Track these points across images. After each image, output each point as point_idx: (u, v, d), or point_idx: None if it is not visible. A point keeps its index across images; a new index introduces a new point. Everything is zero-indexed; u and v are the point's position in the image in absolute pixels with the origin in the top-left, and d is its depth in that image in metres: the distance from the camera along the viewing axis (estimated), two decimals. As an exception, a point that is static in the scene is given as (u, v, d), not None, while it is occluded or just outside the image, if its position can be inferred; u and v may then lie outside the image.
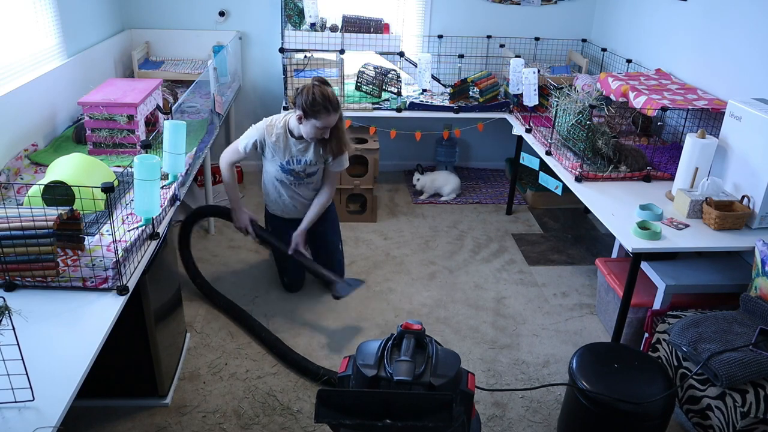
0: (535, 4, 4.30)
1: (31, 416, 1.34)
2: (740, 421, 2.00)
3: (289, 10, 3.65)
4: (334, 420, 1.62)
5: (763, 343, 2.09)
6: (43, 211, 1.72)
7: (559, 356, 2.77)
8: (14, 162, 2.47)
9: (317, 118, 2.64)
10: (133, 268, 1.89)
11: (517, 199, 4.27)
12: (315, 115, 2.64)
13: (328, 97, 2.64)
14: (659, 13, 3.59)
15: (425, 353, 1.80)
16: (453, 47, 4.27)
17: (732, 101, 2.55)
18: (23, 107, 2.62)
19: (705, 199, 2.47)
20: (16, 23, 2.72)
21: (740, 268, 2.64)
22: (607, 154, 2.89)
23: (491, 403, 2.49)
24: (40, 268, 1.73)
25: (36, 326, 1.61)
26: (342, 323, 2.93)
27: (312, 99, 2.61)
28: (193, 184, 4.02)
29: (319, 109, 2.62)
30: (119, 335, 1.90)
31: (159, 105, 2.97)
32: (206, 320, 2.90)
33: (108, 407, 2.35)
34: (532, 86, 3.38)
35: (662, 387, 2.05)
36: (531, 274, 3.43)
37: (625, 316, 2.52)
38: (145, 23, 4.07)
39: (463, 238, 3.78)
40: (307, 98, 2.61)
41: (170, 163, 2.35)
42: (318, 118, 2.64)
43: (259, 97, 4.38)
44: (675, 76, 3.33)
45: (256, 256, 3.46)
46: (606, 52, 4.04)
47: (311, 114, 2.64)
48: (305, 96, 2.62)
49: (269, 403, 2.43)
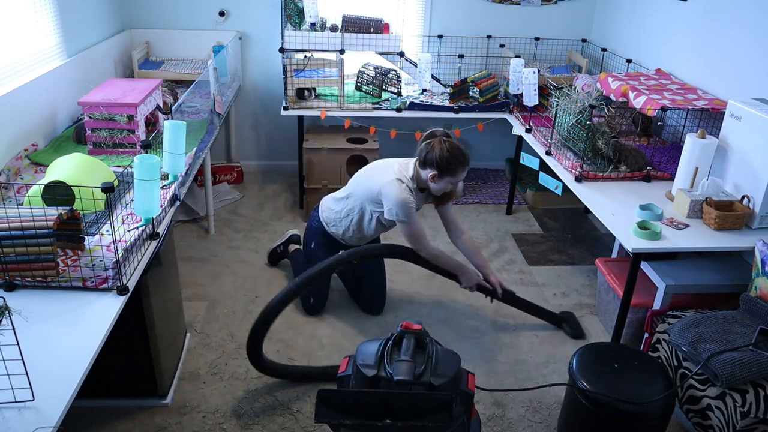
0: (535, 4, 4.30)
1: (31, 416, 1.34)
2: (740, 421, 2.00)
3: (289, 10, 3.65)
4: (334, 420, 1.63)
5: (763, 343, 2.09)
6: (43, 211, 1.72)
7: (559, 356, 2.77)
8: (14, 162, 2.47)
9: (454, 175, 2.54)
10: (133, 268, 1.89)
11: (517, 199, 4.27)
12: (452, 172, 2.53)
13: (462, 151, 2.54)
14: (659, 13, 3.59)
15: (425, 353, 1.80)
16: (453, 47, 4.27)
17: (732, 101, 2.55)
18: (23, 107, 2.62)
19: (705, 199, 2.47)
20: (16, 23, 2.72)
21: (740, 268, 2.64)
22: (607, 154, 2.89)
23: (491, 403, 2.49)
24: (40, 268, 1.73)
25: (36, 326, 1.61)
26: (342, 323, 2.93)
27: (448, 156, 2.49)
28: (193, 184, 4.03)
29: (457, 167, 2.52)
30: (119, 335, 1.90)
31: (159, 105, 2.97)
32: (206, 320, 2.90)
33: (108, 407, 2.35)
34: (532, 86, 3.38)
35: (662, 387, 2.05)
36: (531, 274, 3.43)
37: (625, 316, 2.52)
38: (145, 23, 4.07)
39: (463, 238, 3.77)
40: (442, 155, 2.49)
41: (170, 163, 2.35)
42: (454, 175, 2.55)
43: (259, 97, 4.38)
44: (675, 76, 3.33)
45: (257, 256, 3.46)
46: (606, 52, 4.04)
47: (447, 172, 2.53)
48: (439, 153, 2.49)
49: (269, 402, 2.43)
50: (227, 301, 3.04)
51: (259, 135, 4.52)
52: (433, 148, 2.52)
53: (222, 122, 3.60)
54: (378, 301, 3.03)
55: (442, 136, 2.55)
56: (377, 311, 3.02)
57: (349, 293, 3.12)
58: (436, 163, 2.52)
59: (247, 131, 4.51)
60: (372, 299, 3.02)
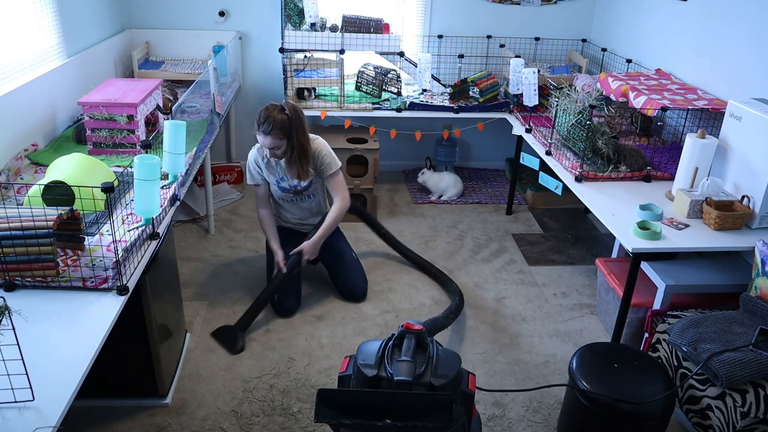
0: (535, 4, 4.30)
1: (31, 416, 1.34)
2: (740, 421, 2.00)
3: (289, 10, 3.65)
4: (334, 420, 1.62)
5: (763, 343, 2.09)
6: (43, 211, 1.72)
7: (559, 356, 2.77)
8: (14, 162, 2.47)
9: (257, 135, 2.74)
10: (133, 268, 1.89)
11: (517, 199, 4.26)
12: (257, 131, 2.73)
13: (261, 115, 2.69)
14: (659, 13, 3.59)
15: (426, 353, 1.80)
16: (453, 47, 4.27)
17: (732, 101, 2.55)
18: (23, 107, 2.62)
19: (705, 199, 2.47)
20: (16, 23, 2.72)
21: (740, 268, 2.64)
22: (607, 154, 2.89)
23: (491, 403, 2.49)
24: (40, 268, 1.73)
25: (36, 326, 1.61)
26: (342, 323, 2.93)
27: (258, 116, 2.71)
28: (193, 184, 4.03)
29: (256, 127, 2.71)
30: (119, 335, 1.90)
31: (159, 105, 2.97)
32: (206, 320, 2.90)
33: (108, 407, 2.35)
34: (532, 86, 3.38)
35: (662, 387, 2.05)
36: (531, 274, 3.43)
37: (625, 316, 2.52)
38: (145, 23, 4.07)
39: (463, 238, 3.78)
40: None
41: (170, 163, 2.35)
42: (257, 136, 2.74)
43: (259, 97, 4.38)
44: (675, 76, 3.33)
45: (256, 256, 3.46)
46: (606, 52, 4.04)
47: (256, 131, 2.73)
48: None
49: (269, 402, 2.43)
50: (227, 301, 3.04)
51: (259, 135, 4.52)
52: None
53: (222, 122, 3.60)
54: (357, 286, 3.09)
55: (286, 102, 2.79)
56: (359, 297, 3.09)
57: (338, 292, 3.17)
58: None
59: (247, 131, 4.51)
60: (350, 285, 3.08)
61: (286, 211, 3.06)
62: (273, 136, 2.68)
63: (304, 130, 2.78)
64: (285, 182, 2.92)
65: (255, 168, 2.92)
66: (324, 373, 2.61)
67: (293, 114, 2.73)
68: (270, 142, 2.70)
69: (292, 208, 3.04)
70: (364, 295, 3.11)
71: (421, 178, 4.29)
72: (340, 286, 3.12)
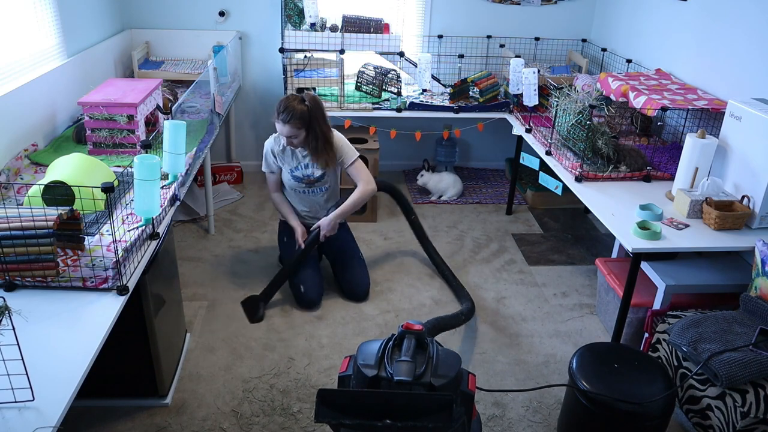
0: (535, 4, 4.30)
1: (31, 416, 1.34)
2: (740, 421, 2.00)
3: (289, 10, 3.65)
4: (334, 420, 1.62)
5: (763, 343, 2.09)
6: (43, 211, 1.72)
7: (559, 356, 2.77)
8: (14, 162, 2.47)
9: (276, 123, 2.82)
10: (133, 268, 1.89)
11: (517, 199, 4.27)
12: (276, 120, 2.81)
13: (281, 104, 2.79)
14: (659, 13, 3.59)
15: (426, 353, 1.80)
16: (453, 47, 4.27)
17: (732, 101, 2.55)
18: (23, 107, 2.62)
19: (705, 199, 2.47)
20: (16, 23, 2.72)
21: (740, 268, 2.64)
22: (607, 154, 2.89)
23: (491, 403, 2.49)
24: (40, 268, 1.73)
25: (36, 326, 1.61)
26: (342, 323, 2.93)
27: (278, 104, 2.80)
28: (193, 184, 4.03)
29: (275, 116, 2.79)
30: (119, 335, 1.90)
31: (159, 105, 2.97)
32: (206, 320, 2.90)
33: (108, 407, 2.35)
34: (532, 86, 3.38)
35: (662, 387, 2.05)
36: (531, 274, 3.43)
37: (625, 316, 2.52)
38: (145, 23, 4.07)
39: (463, 238, 3.78)
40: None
41: (170, 163, 2.35)
42: (276, 124, 2.82)
43: (259, 97, 4.38)
44: (675, 76, 3.34)
45: (256, 256, 3.46)
46: (606, 52, 4.04)
47: (275, 119, 2.81)
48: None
49: (269, 402, 2.43)
50: (227, 301, 3.04)
51: (259, 135, 4.51)
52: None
53: (222, 122, 3.60)
54: (360, 285, 3.09)
55: (306, 92, 2.93)
56: (362, 297, 3.09)
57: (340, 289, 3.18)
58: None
59: (247, 131, 4.51)
60: (353, 283, 3.08)
61: (294, 204, 3.11)
62: (291, 125, 2.77)
63: (325, 120, 2.87)
64: (299, 171, 2.98)
65: (271, 156, 3.01)
66: (324, 373, 2.61)
67: (313, 105, 2.81)
68: (288, 131, 2.79)
69: (301, 200, 3.09)
70: (366, 295, 3.11)
71: (421, 180, 4.29)
72: (343, 283, 3.12)
